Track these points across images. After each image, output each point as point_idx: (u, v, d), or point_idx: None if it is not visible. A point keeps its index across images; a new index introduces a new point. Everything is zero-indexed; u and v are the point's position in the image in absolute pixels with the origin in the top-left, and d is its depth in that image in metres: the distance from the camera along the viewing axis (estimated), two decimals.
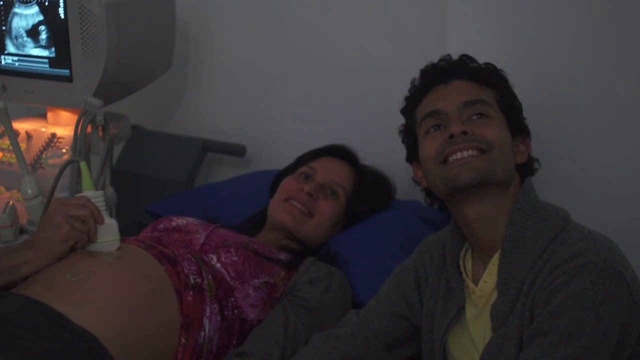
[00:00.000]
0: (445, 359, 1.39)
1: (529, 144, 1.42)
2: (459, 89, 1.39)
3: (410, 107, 1.46)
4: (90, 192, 1.53)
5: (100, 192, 1.55)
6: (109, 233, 1.51)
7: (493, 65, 1.44)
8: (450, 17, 1.94)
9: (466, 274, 1.38)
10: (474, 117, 1.35)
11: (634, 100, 1.70)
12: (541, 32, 1.81)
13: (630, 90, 1.70)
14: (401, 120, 1.50)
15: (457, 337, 1.38)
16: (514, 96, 1.43)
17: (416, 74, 1.47)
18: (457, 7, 1.93)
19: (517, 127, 1.40)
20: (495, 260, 1.32)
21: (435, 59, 1.47)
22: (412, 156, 1.47)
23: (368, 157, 1.94)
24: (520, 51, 1.80)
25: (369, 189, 1.88)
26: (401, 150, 1.50)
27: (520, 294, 1.25)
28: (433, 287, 1.44)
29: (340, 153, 1.92)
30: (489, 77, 1.41)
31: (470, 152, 1.31)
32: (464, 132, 1.32)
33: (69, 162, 1.72)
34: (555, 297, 1.18)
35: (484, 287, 1.33)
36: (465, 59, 1.44)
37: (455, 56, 1.45)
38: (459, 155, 1.31)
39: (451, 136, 1.33)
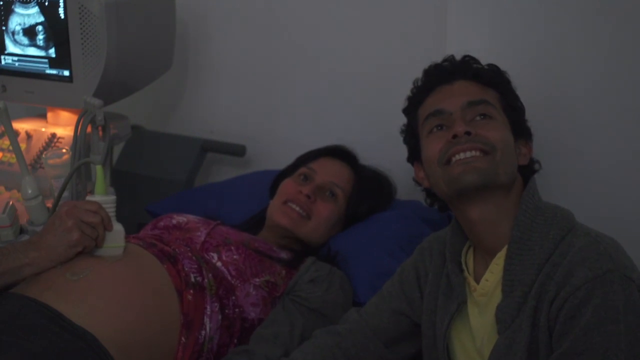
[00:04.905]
0: (448, 354, 1.39)
1: (531, 147, 1.42)
2: (462, 89, 1.39)
3: (412, 106, 1.45)
4: (100, 197, 1.51)
5: (112, 198, 1.53)
6: (114, 239, 1.50)
7: (496, 67, 1.44)
8: (450, 19, 1.94)
9: (468, 271, 1.38)
10: (478, 118, 1.35)
11: (635, 101, 1.70)
12: (541, 34, 1.80)
13: (631, 90, 1.70)
14: (401, 120, 1.49)
15: (458, 334, 1.38)
16: (516, 98, 1.43)
17: (416, 74, 1.47)
18: (457, 8, 1.92)
19: (520, 129, 1.40)
20: (497, 259, 1.31)
21: (435, 60, 1.46)
22: (414, 156, 1.46)
23: (368, 157, 1.94)
24: (520, 52, 1.80)
25: (368, 190, 1.87)
26: (401, 151, 1.50)
27: (528, 296, 1.24)
28: (433, 283, 1.44)
29: (339, 154, 1.91)
30: (493, 78, 1.41)
31: (473, 153, 1.30)
32: (468, 133, 1.31)
33: (83, 162, 1.71)
34: (582, 313, 1.17)
35: (485, 285, 1.33)
36: (469, 60, 1.44)
37: (457, 57, 1.44)
38: (462, 155, 1.31)
39: (454, 136, 1.32)
